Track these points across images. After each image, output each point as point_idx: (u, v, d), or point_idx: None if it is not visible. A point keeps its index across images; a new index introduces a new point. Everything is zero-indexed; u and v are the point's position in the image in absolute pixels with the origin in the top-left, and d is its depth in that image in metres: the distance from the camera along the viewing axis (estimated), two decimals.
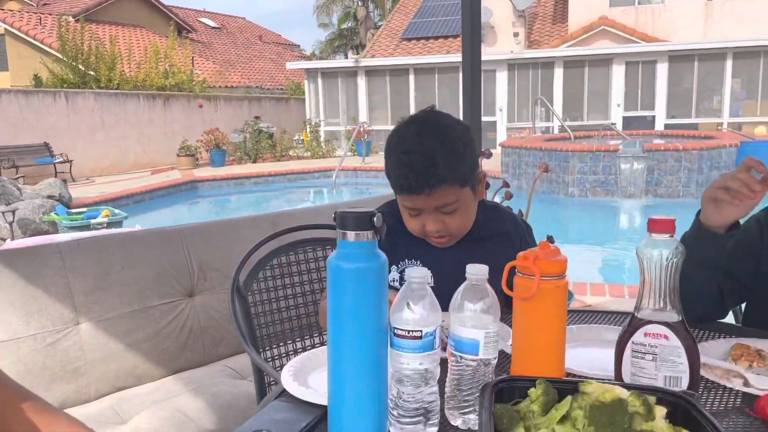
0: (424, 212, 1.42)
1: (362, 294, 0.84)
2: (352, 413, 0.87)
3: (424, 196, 1.38)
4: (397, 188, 1.42)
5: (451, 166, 1.37)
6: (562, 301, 1.02)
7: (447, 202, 1.40)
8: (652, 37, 16.85)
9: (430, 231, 1.43)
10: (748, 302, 1.42)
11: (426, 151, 1.36)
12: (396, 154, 1.40)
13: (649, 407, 0.82)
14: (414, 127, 1.43)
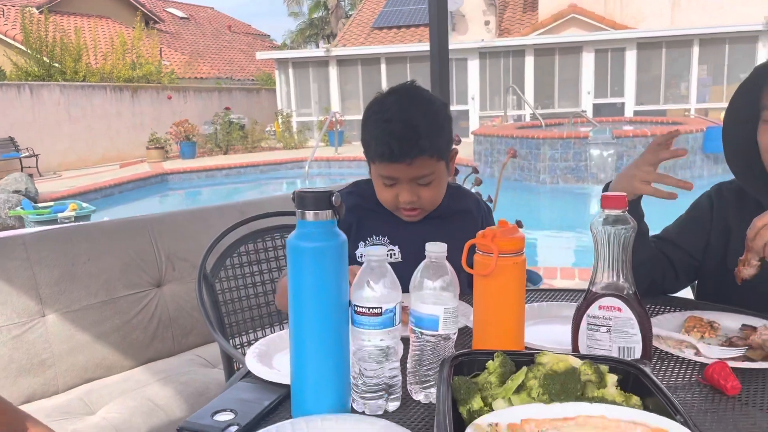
0: (400, 182, 1.44)
1: (322, 272, 0.85)
2: (315, 390, 0.88)
3: (404, 165, 1.40)
4: (377, 156, 1.42)
5: (432, 137, 1.41)
6: (520, 277, 1.04)
7: (424, 173, 1.43)
8: (621, 24, 17.06)
9: (404, 202, 1.45)
10: (700, 277, 1.47)
11: (409, 120, 1.39)
12: (377, 123, 1.42)
13: (600, 375, 0.85)
14: (395, 98, 1.46)
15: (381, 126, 1.41)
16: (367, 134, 1.46)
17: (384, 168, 1.44)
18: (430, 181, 1.45)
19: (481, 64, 17.16)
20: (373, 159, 1.46)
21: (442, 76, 3.00)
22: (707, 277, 1.43)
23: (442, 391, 0.79)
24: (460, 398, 0.83)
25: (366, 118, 1.48)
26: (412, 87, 1.49)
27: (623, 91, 16.62)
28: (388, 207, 1.51)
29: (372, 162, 1.48)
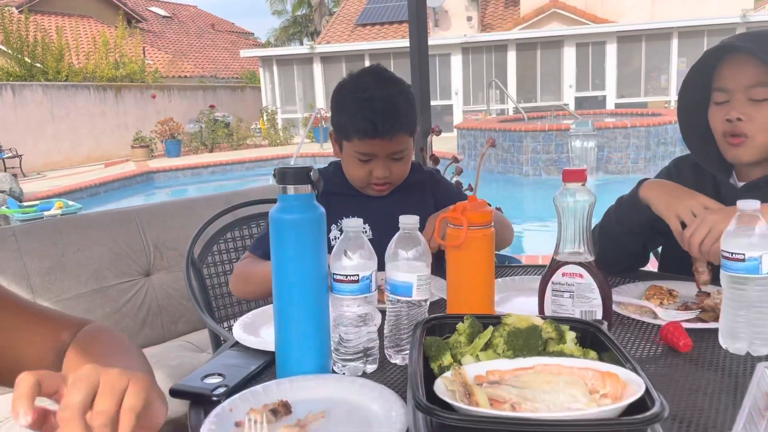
0: (376, 158, 1.52)
1: (303, 242, 0.92)
2: (298, 353, 0.95)
3: (386, 141, 1.49)
4: (359, 133, 1.48)
5: (409, 115, 1.52)
6: (489, 248, 1.11)
7: (400, 149, 1.52)
8: (602, 18, 17.23)
9: (378, 177, 1.53)
10: (663, 248, 1.55)
11: (389, 98, 1.49)
12: (357, 101, 1.49)
13: (561, 333, 0.92)
14: (370, 78, 1.54)
15: (362, 104, 1.47)
16: (342, 113, 1.52)
17: (363, 145, 1.50)
18: (403, 157, 1.54)
19: (464, 59, 17.26)
20: (349, 137, 1.51)
21: (422, 72, 3.07)
22: (669, 250, 1.51)
23: (415, 349, 0.86)
24: (431, 355, 0.90)
25: (340, 97, 1.55)
26: (383, 68, 1.59)
27: (604, 84, 16.80)
28: (358, 184, 1.58)
29: (347, 140, 1.53)
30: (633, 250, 1.45)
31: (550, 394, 0.73)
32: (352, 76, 1.57)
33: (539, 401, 0.73)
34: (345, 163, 1.59)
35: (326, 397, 0.88)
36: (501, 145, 9.99)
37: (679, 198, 1.29)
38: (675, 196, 1.30)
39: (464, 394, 0.72)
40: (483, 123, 11.61)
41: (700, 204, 1.26)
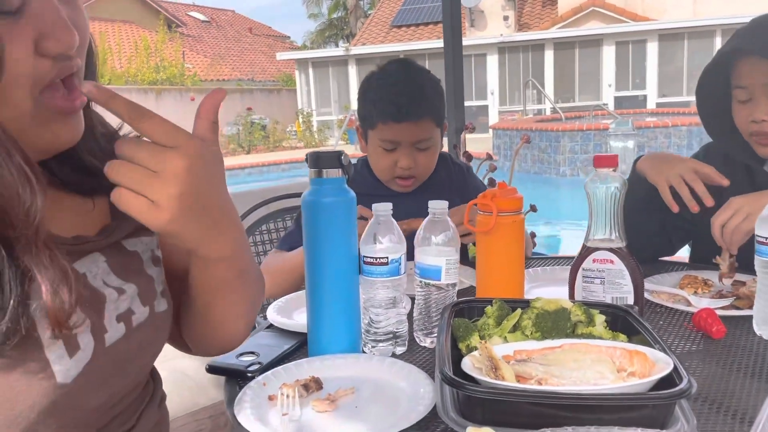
0: (401, 146, 1.50)
1: (334, 224, 0.94)
2: (330, 333, 0.97)
3: (410, 124, 1.46)
4: (385, 116, 1.47)
5: (435, 101, 1.51)
6: (519, 234, 1.12)
7: (425, 137, 1.50)
8: (642, 16, 16.91)
9: (403, 167, 1.50)
10: (694, 240, 1.53)
11: (416, 81, 1.49)
12: (383, 87, 1.49)
13: (590, 316, 0.92)
14: (398, 66, 1.54)
15: (388, 88, 1.47)
16: (368, 101, 1.51)
17: (388, 130, 1.48)
18: (428, 147, 1.52)
19: (500, 59, 17.15)
20: (374, 124, 1.50)
21: (456, 72, 3.07)
22: (701, 240, 1.48)
23: (443, 330, 0.88)
24: (459, 336, 0.91)
25: (367, 87, 1.54)
26: (409, 59, 1.59)
27: (645, 84, 16.48)
28: (383, 176, 1.56)
29: (372, 128, 1.52)
30: (649, 230, 1.42)
31: (577, 371, 0.74)
32: (379, 66, 1.57)
33: (566, 378, 0.73)
34: (370, 155, 1.57)
35: (356, 375, 0.90)
36: (537, 145, 9.89)
37: (670, 163, 1.31)
38: (665, 162, 1.33)
39: (491, 369, 0.73)
40: (519, 123, 11.52)
41: (690, 168, 1.28)
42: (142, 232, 0.75)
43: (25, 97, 0.58)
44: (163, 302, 0.75)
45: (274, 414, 0.79)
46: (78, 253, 0.67)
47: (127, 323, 0.68)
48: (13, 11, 0.56)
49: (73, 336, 0.61)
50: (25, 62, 0.57)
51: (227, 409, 0.84)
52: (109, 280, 0.68)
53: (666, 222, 1.41)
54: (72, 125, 0.64)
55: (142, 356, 0.73)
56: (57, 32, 0.58)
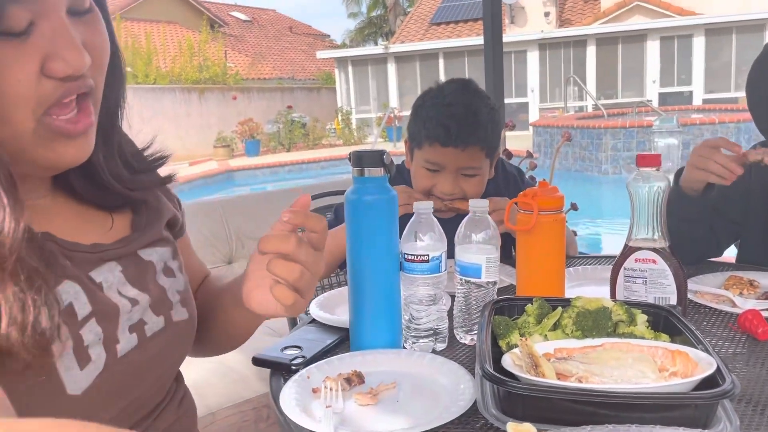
0: (444, 171, 1.43)
1: (376, 222, 0.96)
2: (371, 329, 0.99)
3: (457, 150, 1.39)
4: (431, 138, 1.41)
5: (489, 129, 1.42)
6: (560, 233, 1.12)
7: (472, 164, 1.42)
8: (688, 11, 16.46)
9: (443, 191, 1.43)
10: (741, 240, 1.49)
11: (471, 106, 1.41)
12: (436, 106, 1.42)
13: (631, 315, 0.92)
14: (456, 86, 1.48)
15: (441, 109, 1.41)
16: (419, 119, 1.45)
17: (433, 152, 1.42)
18: (475, 174, 1.44)
19: (541, 56, 16.92)
20: (421, 143, 1.45)
21: (496, 69, 3.06)
22: (749, 240, 1.46)
23: (484, 328, 0.89)
24: (500, 333, 0.92)
25: (421, 103, 1.48)
26: (472, 81, 1.51)
27: (691, 80, 16.06)
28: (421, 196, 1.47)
29: (419, 147, 1.46)
30: (697, 236, 1.40)
31: (618, 370, 0.74)
32: (438, 84, 1.51)
33: (606, 376, 0.74)
34: (413, 173, 1.50)
35: (397, 370, 0.92)
36: (579, 142, 9.73)
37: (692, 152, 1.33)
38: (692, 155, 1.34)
39: (531, 366, 0.74)
40: (560, 120, 11.36)
41: (703, 144, 1.30)
42: (159, 243, 0.78)
43: (26, 117, 0.58)
44: (183, 312, 0.77)
45: (318, 406, 0.81)
46: (96, 261, 0.69)
47: (140, 333, 0.70)
48: (19, 32, 0.56)
49: (83, 349, 0.62)
50: (27, 83, 0.57)
51: (272, 401, 0.87)
52: (124, 290, 0.70)
53: (714, 225, 1.38)
54: (76, 146, 0.64)
55: (159, 365, 0.74)
56: (64, 54, 0.58)
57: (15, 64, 0.56)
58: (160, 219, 0.80)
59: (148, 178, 0.79)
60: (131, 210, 0.77)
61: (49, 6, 0.58)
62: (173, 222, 0.84)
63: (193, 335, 0.81)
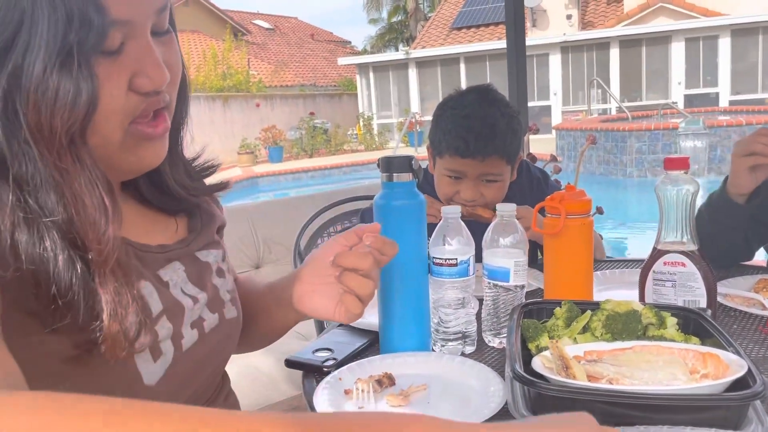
0: (466, 179, 1.47)
1: (405, 227, 0.98)
2: (400, 332, 1.01)
3: (476, 161, 1.43)
4: (451, 150, 1.45)
5: (507, 138, 1.45)
6: (588, 237, 1.12)
7: (492, 171, 1.46)
8: (713, 11, 16.23)
9: (465, 198, 1.46)
10: None
11: (488, 118, 1.44)
12: (455, 118, 1.46)
13: (661, 318, 0.92)
14: (474, 96, 1.51)
15: (459, 121, 1.44)
16: (439, 129, 1.49)
17: (453, 162, 1.46)
18: (496, 181, 1.48)
19: (563, 59, 16.82)
20: (442, 153, 1.49)
21: (519, 72, 3.06)
22: None
23: (513, 331, 0.90)
24: (529, 336, 0.93)
25: (441, 113, 1.51)
26: (491, 88, 1.53)
27: (717, 81, 15.81)
28: (443, 200, 1.53)
29: (440, 156, 1.50)
30: (732, 243, 1.39)
31: (648, 372, 0.75)
32: (457, 92, 1.54)
33: (637, 378, 0.74)
34: (436, 179, 1.55)
35: (427, 373, 0.93)
36: (603, 145, 9.64)
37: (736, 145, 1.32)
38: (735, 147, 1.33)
39: (561, 368, 0.75)
40: (583, 123, 11.27)
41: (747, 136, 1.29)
42: (212, 245, 0.84)
43: (115, 128, 0.64)
44: (233, 310, 0.84)
45: (350, 407, 0.83)
46: (162, 261, 0.74)
47: (200, 329, 0.76)
48: (113, 51, 0.61)
49: (156, 343, 0.68)
50: (118, 98, 0.62)
51: (306, 401, 0.89)
52: (187, 289, 0.76)
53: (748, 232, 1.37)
54: (155, 149, 0.70)
55: (215, 359, 0.80)
56: (149, 71, 0.63)
57: (108, 80, 0.61)
58: (213, 223, 0.86)
59: (202, 184, 0.85)
60: (187, 214, 0.82)
61: (137, 28, 0.63)
62: (221, 227, 0.91)
63: (239, 331, 0.86)
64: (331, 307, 0.85)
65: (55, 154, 0.57)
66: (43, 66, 0.55)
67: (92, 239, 0.58)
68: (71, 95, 0.56)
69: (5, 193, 0.56)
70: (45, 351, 0.59)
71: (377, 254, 0.83)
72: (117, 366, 0.62)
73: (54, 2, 0.55)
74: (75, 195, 0.58)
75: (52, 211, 0.57)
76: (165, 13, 0.68)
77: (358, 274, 0.81)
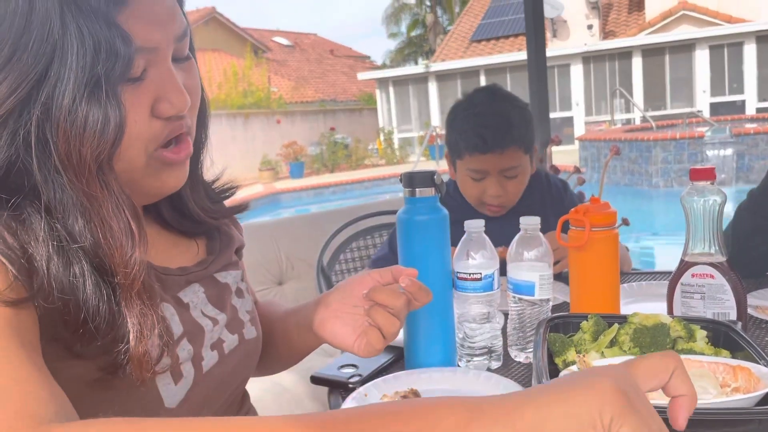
0: (489, 176, 1.52)
1: (428, 242, 0.98)
2: (425, 347, 1.00)
3: (495, 155, 1.48)
4: (470, 148, 1.51)
5: (522, 129, 1.51)
6: (614, 249, 1.11)
7: (513, 164, 1.51)
8: (737, 18, 16.04)
9: (492, 195, 1.53)
10: None
11: (501, 112, 1.50)
12: (468, 117, 1.52)
13: (690, 331, 0.91)
14: (484, 95, 1.56)
15: (474, 119, 1.50)
16: (455, 131, 1.54)
17: (474, 161, 1.51)
18: (516, 174, 1.53)
19: (585, 69, 16.74)
20: (461, 154, 1.53)
21: (540, 83, 3.06)
22: None
23: (539, 345, 0.89)
24: (556, 350, 0.92)
25: (453, 117, 1.57)
26: (498, 86, 1.60)
27: (743, 88, 15.59)
28: (473, 202, 1.58)
29: (459, 158, 1.55)
30: (764, 250, 1.37)
31: None
32: (466, 95, 1.60)
33: None
34: (460, 183, 1.59)
35: (453, 388, 0.92)
36: (627, 155, 9.55)
37: None
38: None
39: None
40: (607, 133, 11.17)
41: None
42: (231, 266, 0.84)
43: (139, 153, 0.65)
44: (252, 330, 0.84)
45: None
46: (183, 283, 0.75)
47: (220, 350, 0.76)
48: (136, 78, 0.63)
49: (177, 365, 0.69)
50: (141, 124, 0.64)
51: None
52: (207, 310, 0.76)
53: None
54: (177, 174, 0.71)
55: (235, 379, 0.80)
56: (171, 96, 0.65)
57: (132, 106, 0.62)
58: (232, 244, 0.86)
59: (222, 207, 0.86)
60: (206, 236, 0.83)
61: (159, 55, 0.64)
62: (240, 248, 0.91)
63: (259, 351, 0.85)
64: (352, 338, 0.84)
65: (84, 180, 0.58)
66: (72, 96, 0.56)
67: (119, 263, 0.59)
68: (100, 124, 0.58)
69: (38, 223, 0.57)
70: (69, 375, 0.59)
71: (411, 297, 0.83)
72: (139, 389, 0.63)
73: (82, 34, 0.56)
74: (102, 220, 0.59)
75: (80, 237, 0.58)
76: (185, 40, 0.69)
77: (388, 311, 0.81)
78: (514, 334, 1.06)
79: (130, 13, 0.60)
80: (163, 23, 0.64)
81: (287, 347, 0.94)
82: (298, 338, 0.92)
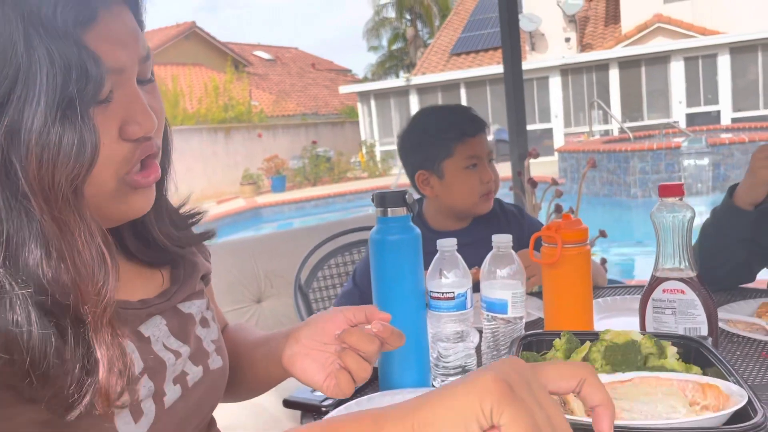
0: (480, 161, 1.58)
1: (400, 261, 0.98)
2: (399, 368, 1.00)
3: (481, 138, 1.58)
4: (461, 135, 1.56)
5: None
6: (586, 265, 1.12)
7: (490, 149, 1.61)
8: (711, 30, 16.36)
9: (488, 179, 1.57)
10: None
11: (458, 106, 1.73)
12: (442, 118, 1.62)
13: (661, 348, 0.91)
14: (429, 108, 1.73)
15: (449, 118, 1.61)
16: (431, 139, 1.58)
17: (467, 148, 1.55)
18: (492, 158, 1.63)
19: (563, 81, 16.95)
20: (450, 151, 1.55)
21: (517, 97, 3.09)
22: None
23: None
24: None
25: (421, 132, 1.63)
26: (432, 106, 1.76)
27: (718, 99, 15.88)
28: (470, 200, 1.57)
29: (449, 157, 1.55)
30: (735, 261, 1.38)
31: (647, 405, 0.74)
32: (414, 119, 1.69)
33: (636, 411, 0.73)
34: (454, 185, 1.57)
35: None
36: (606, 166, 9.66)
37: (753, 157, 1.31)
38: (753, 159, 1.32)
39: (560, 402, 0.74)
40: (585, 145, 11.30)
41: None
42: (195, 296, 0.82)
43: (110, 178, 0.63)
44: (218, 359, 0.81)
45: None
46: (144, 316, 0.72)
47: (183, 384, 0.74)
48: (104, 100, 0.61)
49: (137, 403, 0.66)
50: (110, 146, 0.62)
51: None
52: (169, 343, 0.73)
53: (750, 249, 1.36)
54: (145, 198, 0.69)
55: (200, 412, 0.78)
56: (139, 117, 0.64)
57: (102, 128, 0.60)
58: (196, 272, 0.83)
59: (188, 234, 0.84)
60: (170, 264, 0.81)
61: (125, 76, 0.64)
62: (206, 275, 0.88)
63: (225, 381, 0.83)
64: (321, 378, 0.81)
65: (56, 206, 0.56)
66: (44, 119, 0.55)
67: (90, 292, 0.57)
68: (75, 147, 0.56)
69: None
70: (23, 421, 0.57)
71: (383, 341, 0.81)
72: (96, 429, 0.60)
73: (52, 56, 0.55)
74: (73, 248, 0.57)
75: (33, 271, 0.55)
76: (149, 62, 0.69)
77: (360, 354, 0.79)
78: (488, 352, 1.05)
79: (96, 33, 0.60)
80: (127, 44, 0.64)
81: (254, 377, 0.92)
82: (265, 370, 0.89)
